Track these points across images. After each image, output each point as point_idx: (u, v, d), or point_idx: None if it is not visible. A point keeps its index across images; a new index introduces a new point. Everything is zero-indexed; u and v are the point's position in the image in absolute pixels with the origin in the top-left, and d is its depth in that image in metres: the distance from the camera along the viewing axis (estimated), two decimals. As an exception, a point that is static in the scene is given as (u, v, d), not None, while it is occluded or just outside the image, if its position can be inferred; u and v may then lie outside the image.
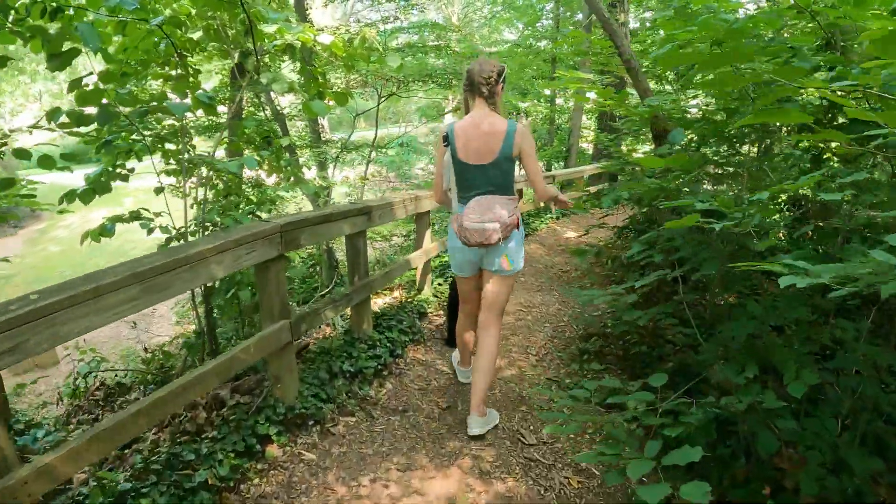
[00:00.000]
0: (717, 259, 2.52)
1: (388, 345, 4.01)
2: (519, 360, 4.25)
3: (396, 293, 5.26)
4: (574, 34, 6.95)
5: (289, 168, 4.48)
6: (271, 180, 4.67)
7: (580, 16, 17.82)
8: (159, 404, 2.16)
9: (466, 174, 2.95)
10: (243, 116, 5.78)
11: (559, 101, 18.87)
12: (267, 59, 4.17)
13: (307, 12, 9.92)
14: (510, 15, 23.25)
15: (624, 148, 18.98)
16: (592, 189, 12.78)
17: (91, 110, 2.58)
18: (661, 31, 4.53)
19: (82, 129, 2.77)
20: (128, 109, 2.84)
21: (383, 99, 9.24)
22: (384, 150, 13.79)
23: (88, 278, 1.93)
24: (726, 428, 2.42)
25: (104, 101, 2.56)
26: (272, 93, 8.88)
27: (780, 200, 4.03)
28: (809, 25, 2.95)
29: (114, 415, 2.08)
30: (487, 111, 2.93)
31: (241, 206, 3.95)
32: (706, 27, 2.33)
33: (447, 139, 2.98)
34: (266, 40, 3.57)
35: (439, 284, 5.66)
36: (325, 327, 4.89)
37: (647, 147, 20.81)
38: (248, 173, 4.19)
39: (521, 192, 9.67)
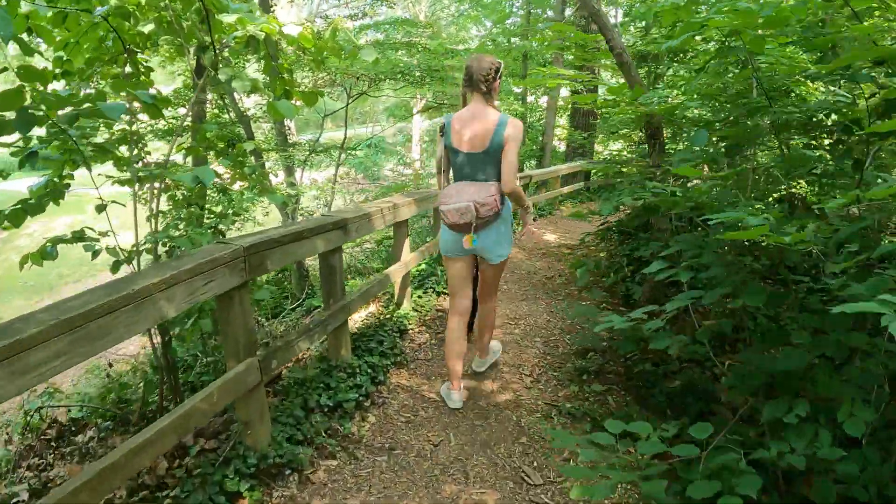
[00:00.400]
0: (760, 287, 2.21)
1: (368, 371, 3.63)
2: (512, 382, 3.91)
3: (373, 307, 4.87)
4: (558, 27, 6.62)
5: (254, 175, 4.06)
6: (237, 186, 4.25)
7: (551, 13, 17.63)
8: (104, 478, 1.75)
9: (458, 161, 3.15)
10: (205, 119, 5.30)
11: (530, 98, 18.60)
12: (228, 54, 3.73)
13: (272, 10, 9.44)
14: (478, 13, 22.99)
15: (598, 146, 18.81)
16: (566, 189, 12.50)
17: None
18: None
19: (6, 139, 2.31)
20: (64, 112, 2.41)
21: (353, 98, 8.85)
22: (353, 153, 13.35)
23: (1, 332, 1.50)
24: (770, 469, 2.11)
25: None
26: (236, 94, 8.41)
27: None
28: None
29: (46, 499, 1.65)
30: (483, 105, 3.09)
31: (204, 219, 3.53)
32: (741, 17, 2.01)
33: (444, 130, 3.18)
34: (225, 32, 3.15)
35: (419, 297, 5.29)
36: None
37: (619, 144, 20.77)
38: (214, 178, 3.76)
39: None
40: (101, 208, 2.64)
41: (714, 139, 3.08)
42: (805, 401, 1.93)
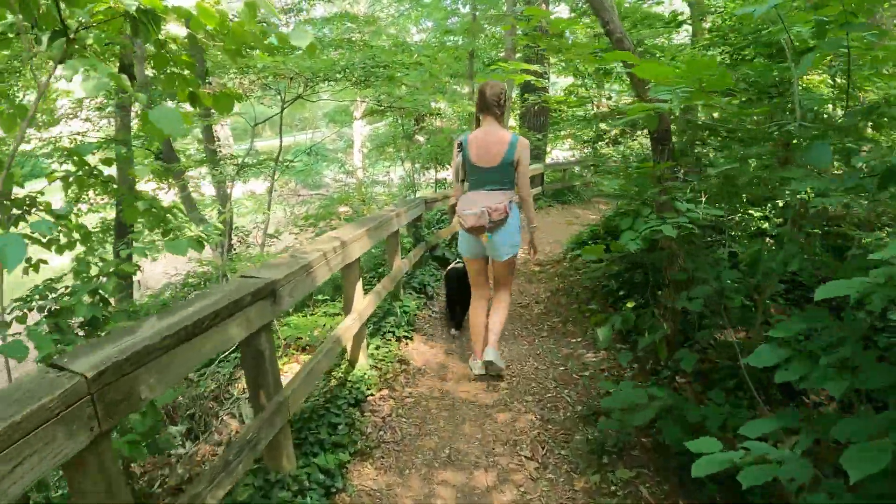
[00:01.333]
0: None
1: (320, 480, 2.61)
2: (512, 470, 2.97)
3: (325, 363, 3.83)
4: (533, 10, 5.76)
5: (157, 217, 2.99)
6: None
7: (493, 11, 16.84)
8: None
9: (476, 173, 3.58)
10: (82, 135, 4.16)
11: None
12: (92, 42, 2.66)
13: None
14: (418, 13, 22.07)
15: (549, 147, 18.18)
16: None
17: None
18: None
19: None
20: None
21: (288, 103, 7.70)
22: (289, 164, 12.17)
23: None
24: None
25: None
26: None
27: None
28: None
29: None
30: (496, 126, 3.56)
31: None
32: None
33: (462, 146, 3.61)
34: (80, 7, 2.09)
35: (376, 348, 4.27)
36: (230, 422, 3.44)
37: (567, 145, 20.20)
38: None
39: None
40: None
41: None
42: None
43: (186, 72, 2.71)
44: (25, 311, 2.56)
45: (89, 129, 9.12)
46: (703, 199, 2.88)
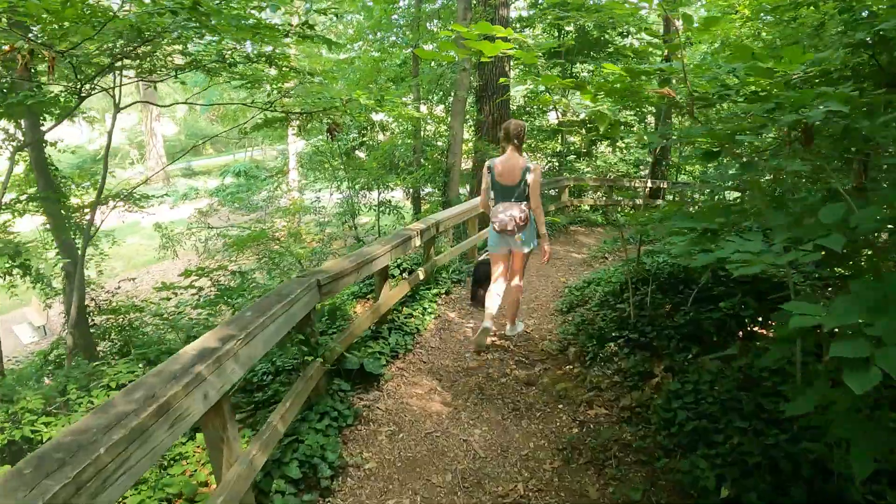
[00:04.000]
0: None
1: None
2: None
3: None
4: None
5: None
6: None
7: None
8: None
9: (499, 189, 4.71)
10: None
11: (424, 107, 16.21)
12: None
13: None
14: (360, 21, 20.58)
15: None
16: (486, 234, 9.36)
17: None
18: None
19: None
20: None
21: (124, 107, 6.15)
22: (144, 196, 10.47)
23: None
24: None
25: None
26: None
27: None
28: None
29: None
30: (516, 154, 4.68)
31: None
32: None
33: (490, 169, 4.74)
34: None
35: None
36: None
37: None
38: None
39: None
40: None
41: None
42: None
43: None
44: None
45: None
46: None
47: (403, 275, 6.56)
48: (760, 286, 4.25)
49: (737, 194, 5.07)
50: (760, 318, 4.14)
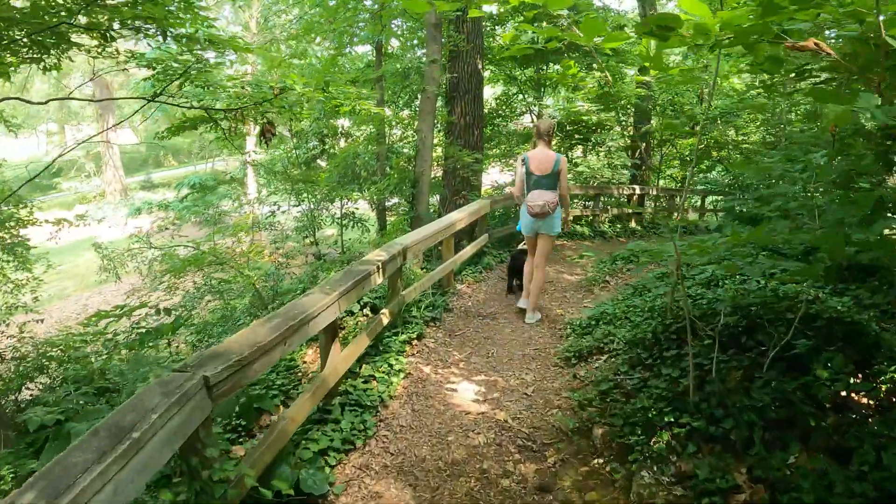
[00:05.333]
0: None
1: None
2: None
3: None
4: None
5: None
6: None
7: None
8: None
9: (533, 179, 5.41)
10: None
11: (388, 111, 14.46)
12: None
13: None
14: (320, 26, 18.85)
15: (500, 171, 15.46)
16: (469, 251, 7.46)
17: None
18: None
19: None
20: None
21: None
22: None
23: None
24: None
25: None
26: None
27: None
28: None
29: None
30: (547, 148, 5.44)
31: None
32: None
33: (524, 161, 5.49)
34: None
35: None
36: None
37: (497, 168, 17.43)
38: None
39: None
40: None
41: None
42: None
43: None
44: None
45: None
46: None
47: (364, 311, 5.17)
48: (859, 339, 3.02)
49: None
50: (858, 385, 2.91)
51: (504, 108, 16.36)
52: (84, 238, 19.56)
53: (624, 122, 15.29)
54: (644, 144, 14.60)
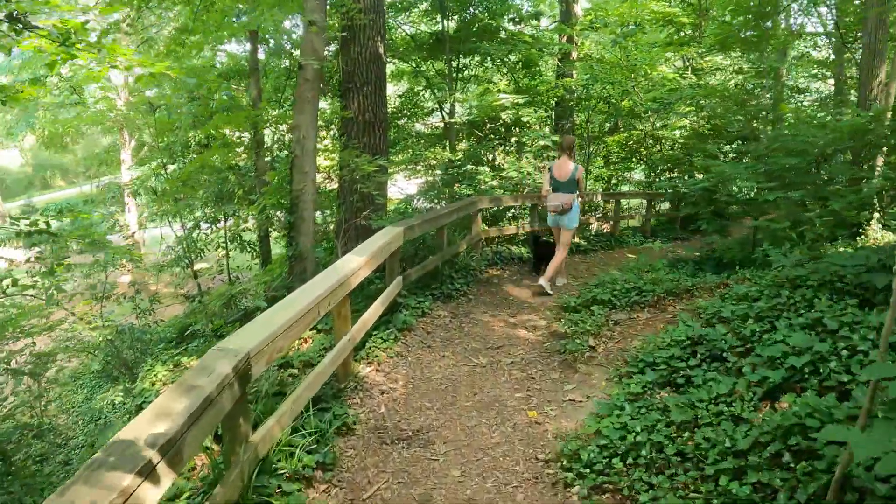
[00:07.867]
0: None
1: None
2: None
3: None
4: None
5: None
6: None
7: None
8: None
9: (555, 184, 6.70)
10: None
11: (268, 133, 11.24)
12: None
13: None
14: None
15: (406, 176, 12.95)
16: (370, 321, 5.04)
17: None
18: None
19: None
20: None
21: None
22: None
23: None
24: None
25: None
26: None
27: None
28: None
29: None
30: (569, 159, 6.71)
31: None
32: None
33: (549, 169, 6.80)
34: None
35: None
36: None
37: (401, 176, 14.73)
38: None
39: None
40: None
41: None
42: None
43: None
44: None
45: None
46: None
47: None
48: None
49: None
50: None
51: (410, 106, 14.02)
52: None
53: (546, 119, 13.50)
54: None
